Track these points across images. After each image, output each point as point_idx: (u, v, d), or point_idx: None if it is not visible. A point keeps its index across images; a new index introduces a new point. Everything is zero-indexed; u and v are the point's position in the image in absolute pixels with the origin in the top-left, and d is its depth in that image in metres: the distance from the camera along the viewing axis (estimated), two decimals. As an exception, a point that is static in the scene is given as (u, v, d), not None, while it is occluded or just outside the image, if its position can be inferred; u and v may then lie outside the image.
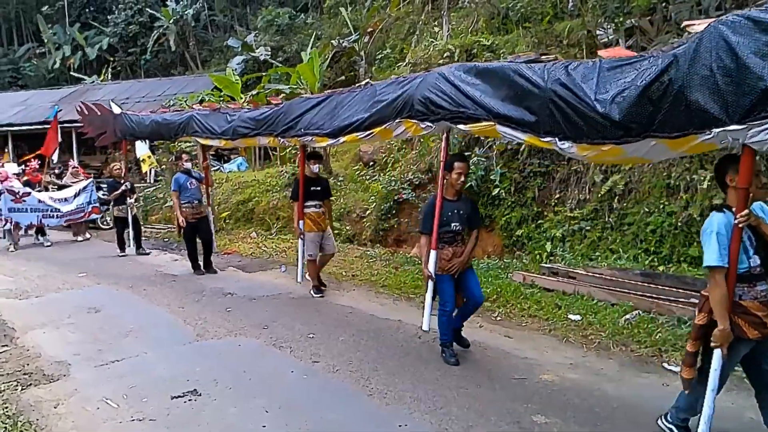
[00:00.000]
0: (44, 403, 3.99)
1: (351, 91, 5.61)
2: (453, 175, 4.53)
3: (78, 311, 6.38)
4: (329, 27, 20.50)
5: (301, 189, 6.69)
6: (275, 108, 6.68)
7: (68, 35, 31.21)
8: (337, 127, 5.55)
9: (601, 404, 3.79)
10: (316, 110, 5.91)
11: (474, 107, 4.03)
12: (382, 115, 4.95)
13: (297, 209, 6.76)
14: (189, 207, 8.16)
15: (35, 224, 11.29)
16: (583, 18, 9.05)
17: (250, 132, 7.09)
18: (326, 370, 4.52)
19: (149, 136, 10.12)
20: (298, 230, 6.78)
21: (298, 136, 6.29)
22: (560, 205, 7.73)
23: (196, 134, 8.11)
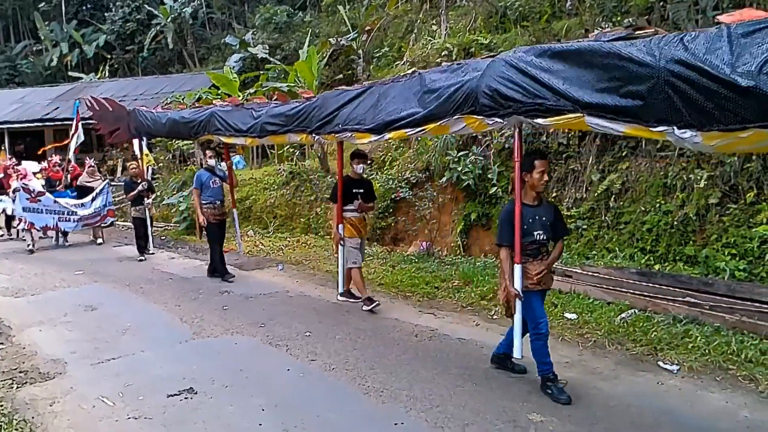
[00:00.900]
0: (40, 401, 3.99)
1: (394, 81, 5.07)
2: (534, 176, 3.96)
3: (75, 309, 6.37)
4: (327, 25, 20.48)
5: (339, 190, 6.20)
6: (308, 102, 6.07)
7: (65, 32, 31.12)
8: (382, 123, 4.98)
9: (596, 403, 3.81)
10: (356, 103, 5.36)
11: (554, 98, 3.44)
12: (439, 111, 4.38)
13: (336, 212, 6.25)
14: (210, 207, 7.71)
15: (51, 227, 10.79)
16: (581, 17, 9.06)
17: (279, 129, 6.46)
18: (323, 368, 4.53)
19: (166, 135, 9.58)
20: (337, 235, 6.22)
21: (336, 133, 5.69)
22: (557, 204, 7.73)
23: (218, 132, 7.48)
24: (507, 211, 4.08)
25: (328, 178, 11.82)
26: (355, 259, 6.18)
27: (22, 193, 10.39)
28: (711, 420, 3.54)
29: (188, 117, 7.97)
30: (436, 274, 7.34)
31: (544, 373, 3.97)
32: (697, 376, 4.21)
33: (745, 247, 5.78)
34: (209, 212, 7.68)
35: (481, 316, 5.83)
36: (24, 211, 10.41)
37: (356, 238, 6.23)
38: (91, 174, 12.10)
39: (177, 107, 9.12)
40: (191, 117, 7.89)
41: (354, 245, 6.21)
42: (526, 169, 4.02)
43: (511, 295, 3.92)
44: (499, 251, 4.10)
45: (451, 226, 8.99)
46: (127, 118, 9.22)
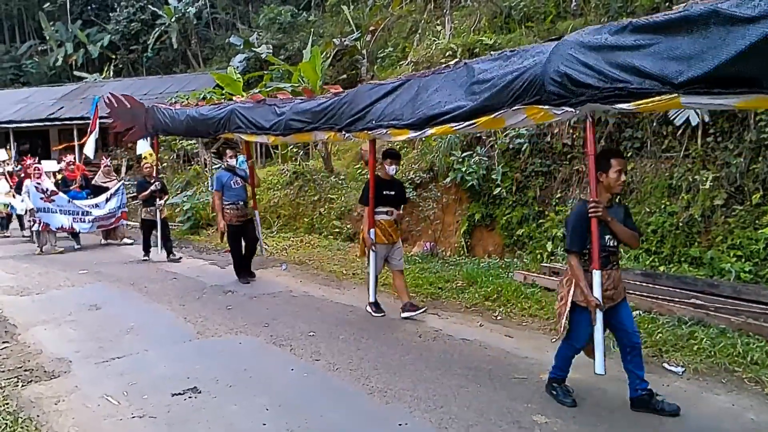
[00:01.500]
0: (45, 399, 3.99)
1: (436, 73, 4.74)
2: (611, 176, 3.60)
3: (79, 308, 6.38)
4: (331, 25, 20.49)
5: (371, 191, 5.79)
6: (336, 98, 5.73)
7: (70, 32, 31.21)
8: (423, 117, 4.65)
9: (601, 404, 3.79)
10: (392, 97, 5.04)
11: (639, 80, 3.05)
12: (492, 102, 4.00)
13: (368, 215, 5.81)
14: (234, 209, 7.36)
15: (66, 228, 10.42)
16: (586, 17, 9.04)
17: (305, 126, 6.09)
18: (326, 368, 4.52)
19: (184, 132, 9.18)
20: (369, 240, 5.78)
21: (369, 130, 5.34)
22: (561, 205, 7.72)
23: (239, 130, 7.12)
24: (578, 213, 3.67)
25: (331, 178, 11.83)
26: (379, 269, 5.94)
27: (35, 192, 10.07)
28: (716, 422, 3.53)
29: (207, 114, 7.64)
30: (440, 274, 7.33)
31: (556, 376, 3.89)
32: (702, 377, 4.19)
33: (750, 249, 5.76)
34: (232, 214, 7.35)
35: (485, 317, 5.82)
36: (38, 211, 10.08)
37: (385, 245, 5.87)
38: (107, 174, 11.81)
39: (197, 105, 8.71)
40: (211, 114, 7.57)
41: (380, 252, 5.86)
42: (601, 169, 3.64)
43: (592, 306, 3.52)
44: (569, 259, 3.69)
45: (454, 226, 8.98)
46: (145, 116, 8.93)
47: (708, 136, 6.47)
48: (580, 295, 3.59)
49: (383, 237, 5.85)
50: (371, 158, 5.94)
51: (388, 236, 5.89)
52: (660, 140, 6.98)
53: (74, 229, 10.52)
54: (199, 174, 15.33)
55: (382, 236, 5.84)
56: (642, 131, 7.13)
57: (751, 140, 6.06)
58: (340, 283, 7.43)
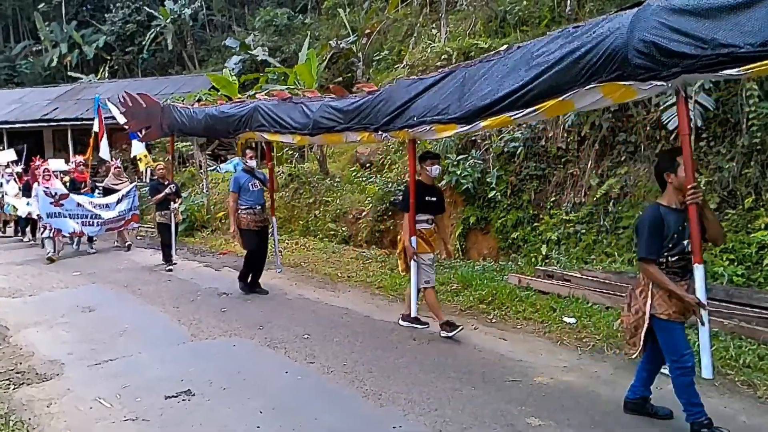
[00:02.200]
0: (37, 402, 3.97)
1: (484, 61, 4.36)
2: (681, 174, 3.28)
3: (72, 310, 6.36)
4: (327, 28, 20.53)
5: (412, 197, 5.29)
6: (369, 96, 5.37)
7: (65, 33, 31.15)
8: (473, 109, 4.29)
9: (595, 407, 3.80)
10: (434, 91, 4.71)
11: (750, 41, 2.76)
12: (559, 82, 3.64)
13: (408, 223, 5.31)
14: (250, 213, 6.93)
15: (77, 232, 10.06)
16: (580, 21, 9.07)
17: (336, 126, 5.72)
18: (321, 371, 4.51)
19: (202, 132, 8.64)
20: (411, 250, 5.26)
21: (409, 127, 4.95)
22: (556, 208, 7.75)
23: (262, 129, 6.72)
24: (652, 216, 3.31)
25: (327, 180, 11.83)
26: (428, 278, 5.37)
27: (44, 197, 9.55)
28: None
29: (228, 112, 7.28)
30: (435, 277, 7.32)
31: (696, 419, 3.26)
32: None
33: (743, 253, 5.79)
34: (249, 218, 6.91)
35: (480, 320, 5.83)
36: (48, 217, 9.59)
37: (429, 254, 5.39)
38: (118, 176, 11.35)
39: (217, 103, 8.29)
40: (232, 112, 7.20)
41: (428, 262, 5.38)
42: (669, 169, 3.34)
43: (693, 305, 3.22)
44: (645, 268, 3.32)
45: (449, 229, 8.99)
46: (161, 115, 8.60)
47: (701, 141, 6.51)
48: (662, 306, 3.29)
49: (425, 245, 5.39)
50: (411, 160, 5.44)
51: (429, 245, 5.45)
52: (653, 144, 7.01)
53: (84, 233, 10.18)
54: (195, 176, 15.31)
55: (424, 245, 5.38)
56: (636, 135, 7.16)
57: (744, 145, 6.10)
58: (335, 286, 7.42)
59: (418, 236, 5.32)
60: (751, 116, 5.97)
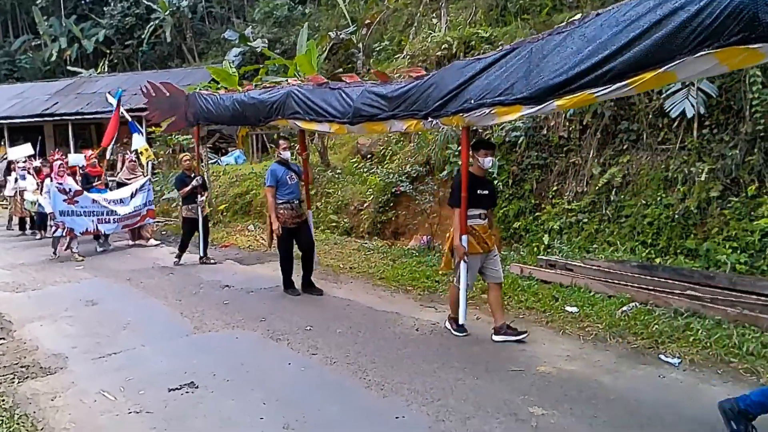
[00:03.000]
0: (41, 395, 3.99)
1: (555, 33, 3.93)
2: None
3: (75, 304, 6.37)
4: (327, 19, 20.41)
5: (464, 190, 4.81)
6: (417, 81, 5.03)
7: (64, 27, 31.05)
8: (544, 87, 3.89)
9: (597, 396, 3.80)
10: (495, 70, 4.28)
11: None
12: (659, 50, 3.19)
13: (459, 219, 4.83)
14: (288, 208, 6.36)
15: (91, 231, 9.46)
16: (582, 10, 9.00)
17: (379, 114, 5.34)
18: (324, 362, 4.52)
19: (230, 120, 8.18)
20: (461, 249, 4.81)
21: (464, 112, 4.53)
22: (558, 198, 7.73)
23: (296, 116, 6.34)
24: None
25: (328, 172, 11.81)
26: (469, 282, 5.00)
27: (57, 195, 8.98)
28: (712, 413, 3.53)
29: (258, 98, 6.87)
30: (437, 267, 7.32)
31: None
32: (698, 369, 4.20)
33: (746, 241, 5.78)
34: (287, 214, 6.35)
35: (482, 310, 5.82)
36: (61, 216, 8.99)
37: (479, 254, 4.95)
38: (132, 170, 10.84)
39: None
40: (262, 98, 6.80)
41: (473, 263, 4.94)
42: None
43: None
44: None
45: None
46: (185, 104, 8.23)
47: (704, 128, 6.47)
48: None
49: (477, 245, 4.91)
50: (464, 150, 4.92)
51: (483, 244, 4.94)
52: (656, 132, 6.98)
53: (99, 231, 9.60)
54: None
55: (475, 244, 4.90)
56: (638, 124, 7.13)
57: (747, 132, 6.07)
58: (337, 278, 7.42)
59: (471, 233, 4.86)
60: (754, 103, 5.94)
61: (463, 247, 4.81)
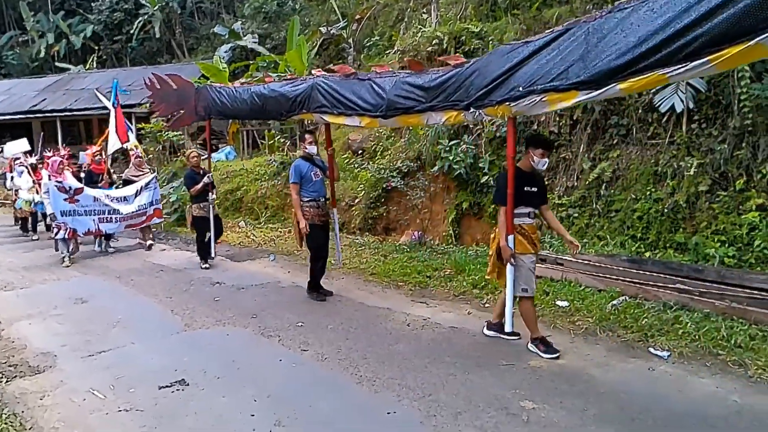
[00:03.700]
0: (30, 395, 3.95)
1: (616, 10, 3.58)
2: None
3: (65, 302, 6.33)
4: (317, 14, 20.32)
5: (510, 187, 4.40)
6: (456, 69, 4.66)
7: (52, 23, 30.72)
8: (605, 69, 3.56)
9: (588, 389, 3.82)
10: (546, 54, 3.94)
11: None
12: (750, 20, 2.81)
13: (506, 218, 4.43)
14: (313, 206, 6.04)
15: (93, 231, 8.93)
16: (572, 4, 9.01)
17: (416, 106, 5.00)
18: (315, 358, 4.52)
19: (248, 114, 7.60)
20: (508, 251, 4.40)
21: (512, 100, 4.17)
22: (549, 193, 7.73)
23: (322, 110, 5.98)
24: None
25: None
26: (527, 285, 4.48)
27: (57, 193, 8.42)
28: (701, 405, 3.57)
29: (280, 90, 6.47)
30: (428, 263, 7.33)
31: None
32: (687, 361, 4.24)
33: (734, 234, 5.82)
34: (312, 212, 6.01)
35: (473, 305, 5.84)
36: (62, 216, 8.45)
37: (530, 255, 4.53)
38: (139, 166, 10.22)
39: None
40: (285, 90, 6.42)
41: (528, 264, 4.51)
42: None
43: None
44: None
45: (442, 215, 8.99)
46: (195, 97, 7.82)
47: (692, 123, 6.51)
48: None
49: (527, 245, 4.51)
50: (511, 142, 4.52)
51: (533, 245, 4.57)
52: (645, 127, 7.01)
53: (101, 231, 9.06)
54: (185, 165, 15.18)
55: (526, 245, 4.50)
56: (628, 118, 7.15)
57: (735, 127, 6.11)
58: (329, 273, 7.38)
59: (518, 233, 4.47)
60: (742, 98, 5.97)
61: (509, 248, 4.40)
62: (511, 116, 4.39)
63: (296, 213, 5.97)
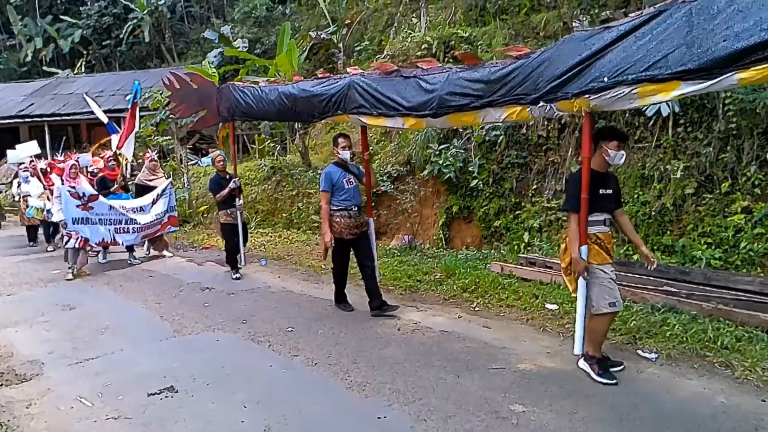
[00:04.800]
0: (16, 403, 3.91)
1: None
2: None
3: (52, 309, 6.27)
4: (307, 19, 20.32)
5: (585, 191, 3.88)
6: (520, 61, 4.20)
7: (40, 27, 30.46)
8: (719, 56, 3.11)
9: (577, 391, 3.84)
10: (636, 39, 3.47)
11: None
12: None
13: (579, 226, 3.94)
14: (346, 216, 5.53)
15: (108, 242, 8.42)
16: (559, 10, 9.10)
17: (472, 102, 4.54)
18: (305, 363, 4.51)
19: (275, 116, 7.14)
20: (581, 263, 3.93)
21: (592, 93, 3.72)
22: (537, 196, 7.80)
23: (361, 110, 5.53)
24: None
25: (309, 172, 11.76)
26: (613, 298, 3.97)
27: (70, 199, 7.86)
28: (689, 406, 3.60)
29: (312, 90, 6.05)
30: (419, 267, 7.34)
31: None
32: (675, 363, 4.28)
33: (720, 236, 5.89)
34: (344, 223, 5.51)
35: (464, 308, 5.86)
36: (74, 224, 7.89)
37: (609, 264, 4.06)
38: (153, 170, 9.61)
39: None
40: (318, 90, 5.99)
41: (610, 275, 4.02)
42: None
43: None
44: None
45: (432, 219, 9.01)
46: (217, 97, 7.46)
47: (678, 127, 6.58)
48: None
49: (604, 254, 4.03)
50: (587, 140, 3.97)
51: (609, 254, 4.09)
52: (632, 131, 7.08)
53: (117, 242, 8.50)
54: (175, 170, 15.12)
55: (602, 253, 4.02)
56: (615, 122, 7.21)
57: (720, 130, 6.18)
58: (319, 278, 7.40)
59: (593, 242, 4.00)
60: (727, 102, 6.06)
61: (582, 260, 3.94)
62: (588, 111, 3.88)
63: (323, 225, 5.61)
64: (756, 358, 4.13)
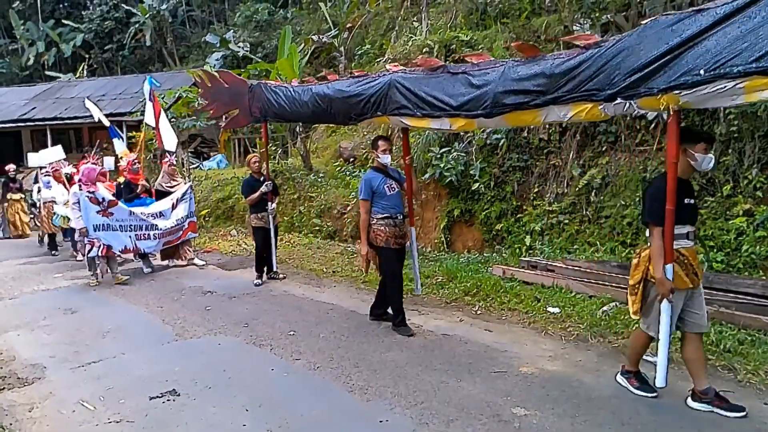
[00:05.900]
0: (18, 407, 3.92)
1: None
2: None
3: (54, 312, 6.28)
4: (309, 23, 20.40)
5: (670, 202, 3.36)
6: (594, 50, 3.65)
7: (42, 31, 30.58)
8: None
9: (579, 395, 3.84)
10: (740, 24, 2.95)
11: None
12: None
13: (665, 241, 3.44)
14: (389, 225, 5.14)
15: (131, 249, 8.09)
16: (560, 14, 9.12)
17: (533, 99, 4.04)
18: (307, 367, 4.51)
19: (309, 117, 6.80)
20: (667, 284, 3.43)
21: (683, 88, 3.19)
22: (539, 199, 7.80)
23: (403, 111, 5.08)
24: None
25: (310, 176, 11.78)
26: (656, 327, 3.61)
27: (89, 205, 7.51)
28: (691, 411, 3.59)
29: (349, 90, 5.62)
30: (420, 270, 7.32)
31: None
32: (677, 366, 4.25)
33: (722, 239, 5.88)
34: (387, 232, 5.13)
35: (465, 312, 5.85)
36: (95, 231, 7.56)
37: (682, 291, 3.55)
38: (172, 175, 9.17)
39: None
40: (355, 90, 5.55)
41: (676, 302, 3.53)
42: None
43: None
44: None
45: (434, 222, 9.01)
46: (249, 97, 7.12)
47: (680, 130, 6.58)
48: None
49: (685, 277, 3.54)
50: (673, 143, 3.39)
51: (692, 276, 3.58)
52: (633, 134, 7.08)
53: (138, 249, 8.19)
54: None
55: (683, 276, 3.53)
56: (616, 126, 7.23)
57: (721, 133, 6.18)
58: (321, 282, 7.40)
59: (677, 262, 3.49)
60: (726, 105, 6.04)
61: (668, 281, 3.43)
62: (676, 109, 3.33)
63: (361, 236, 5.25)
64: (758, 362, 4.13)
